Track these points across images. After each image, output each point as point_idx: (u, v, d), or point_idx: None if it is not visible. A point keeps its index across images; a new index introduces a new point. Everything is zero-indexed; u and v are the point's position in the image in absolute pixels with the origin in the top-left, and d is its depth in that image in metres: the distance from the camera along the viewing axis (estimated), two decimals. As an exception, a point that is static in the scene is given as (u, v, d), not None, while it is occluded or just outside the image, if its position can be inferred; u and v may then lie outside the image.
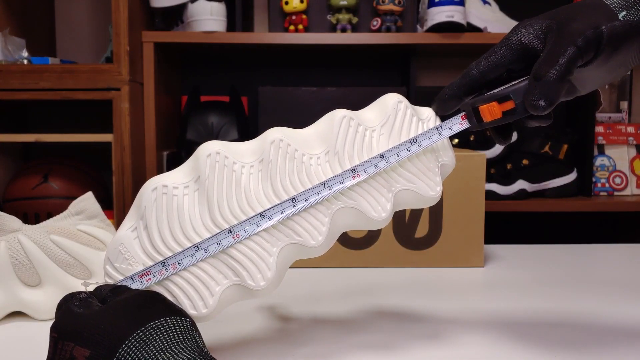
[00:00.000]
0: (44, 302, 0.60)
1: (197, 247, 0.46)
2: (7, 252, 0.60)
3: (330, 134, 0.48)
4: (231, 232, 0.46)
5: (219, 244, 0.46)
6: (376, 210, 0.48)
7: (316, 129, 0.50)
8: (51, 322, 0.40)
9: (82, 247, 0.61)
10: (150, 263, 0.46)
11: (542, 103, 0.43)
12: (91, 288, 0.45)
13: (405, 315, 0.62)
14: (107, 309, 0.39)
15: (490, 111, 0.47)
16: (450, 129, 0.49)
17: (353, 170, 0.47)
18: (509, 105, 0.46)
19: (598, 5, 0.45)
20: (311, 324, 0.59)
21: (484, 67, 0.48)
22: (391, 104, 0.49)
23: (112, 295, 0.42)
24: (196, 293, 0.46)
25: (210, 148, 0.47)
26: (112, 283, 0.46)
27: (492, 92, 0.47)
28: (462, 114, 0.49)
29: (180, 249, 0.46)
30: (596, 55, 0.44)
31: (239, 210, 0.46)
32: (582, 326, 0.59)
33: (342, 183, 0.47)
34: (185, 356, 0.35)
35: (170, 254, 0.46)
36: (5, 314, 0.61)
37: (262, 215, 0.46)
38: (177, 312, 0.39)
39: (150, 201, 0.46)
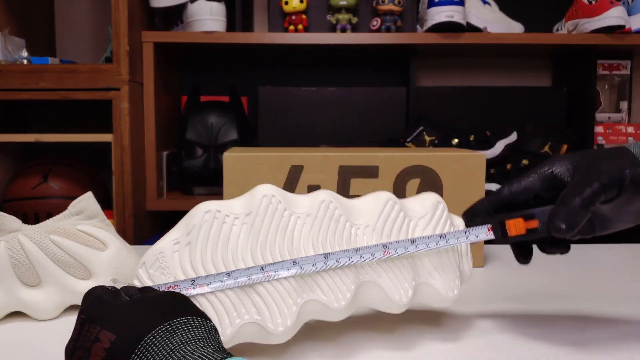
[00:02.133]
0: (44, 302, 0.60)
1: (228, 274, 0.47)
2: (7, 252, 0.60)
3: (374, 211, 0.52)
4: (263, 269, 0.47)
5: (248, 277, 0.47)
6: (398, 293, 0.50)
7: (363, 201, 0.53)
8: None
9: (82, 247, 0.61)
10: (183, 279, 0.47)
11: (564, 226, 0.48)
12: (118, 286, 0.45)
13: (404, 315, 0.62)
14: (137, 301, 0.40)
15: (516, 226, 0.51)
16: (477, 236, 0.53)
17: (385, 245, 0.50)
18: (533, 224, 0.51)
19: (625, 154, 0.51)
20: (312, 324, 0.59)
21: (515, 188, 0.53)
22: (431, 202, 0.54)
23: (139, 294, 0.43)
24: (217, 318, 0.46)
25: (267, 190, 0.50)
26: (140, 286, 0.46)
27: (520, 211, 0.52)
28: (488, 226, 0.53)
29: (214, 273, 0.47)
30: (619, 194, 0.50)
31: (278, 255, 0.48)
32: (582, 326, 0.59)
33: (372, 255, 0.50)
34: (208, 350, 0.36)
35: (204, 275, 0.47)
36: (5, 314, 0.61)
37: (294, 262, 0.48)
38: (202, 314, 0.41)
39: (201, 222, 0.48)
